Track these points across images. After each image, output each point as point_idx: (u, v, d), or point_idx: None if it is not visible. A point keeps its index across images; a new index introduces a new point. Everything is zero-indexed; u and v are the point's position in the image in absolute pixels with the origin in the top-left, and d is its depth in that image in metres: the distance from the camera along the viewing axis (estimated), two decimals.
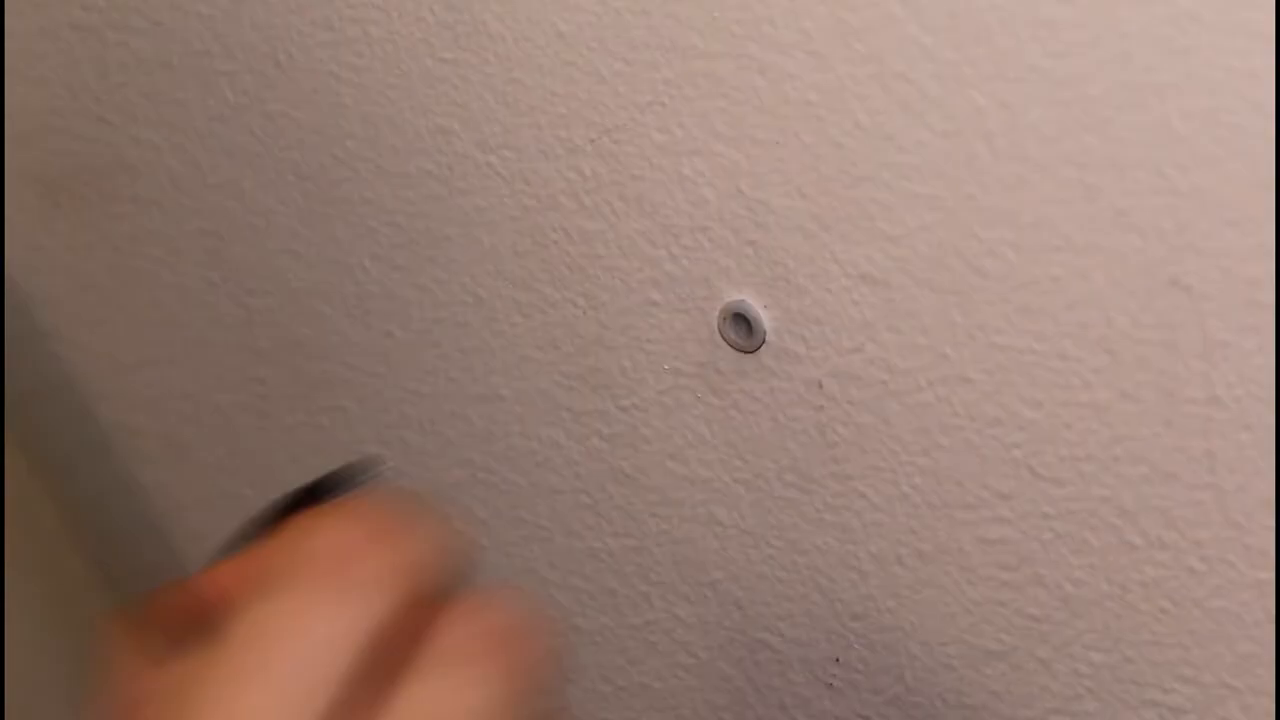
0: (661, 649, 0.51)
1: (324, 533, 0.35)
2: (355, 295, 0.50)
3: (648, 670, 0.52)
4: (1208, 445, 0.37)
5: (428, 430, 0.51)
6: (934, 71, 0.37)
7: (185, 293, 0.53)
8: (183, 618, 0.36)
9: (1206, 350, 0.36)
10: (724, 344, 0.43)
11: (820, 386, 0.42)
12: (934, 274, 0.39)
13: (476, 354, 0.49)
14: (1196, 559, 0.39)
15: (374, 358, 0.51)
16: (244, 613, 0.34)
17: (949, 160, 0.38)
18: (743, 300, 0.42)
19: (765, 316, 0.42)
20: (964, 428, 0.40)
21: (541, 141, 0.43)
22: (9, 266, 0.57)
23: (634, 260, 0.43)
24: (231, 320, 0.53)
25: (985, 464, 0.41)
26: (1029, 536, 0.41)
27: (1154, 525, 0.39)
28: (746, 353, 0.43)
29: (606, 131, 0.42)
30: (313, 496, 0.40)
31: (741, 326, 0.42)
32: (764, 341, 0.42)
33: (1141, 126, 0.35)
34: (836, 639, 0.46)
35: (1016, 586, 0.42)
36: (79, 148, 0.52)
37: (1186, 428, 0.38)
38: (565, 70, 0.42)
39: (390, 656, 0.34)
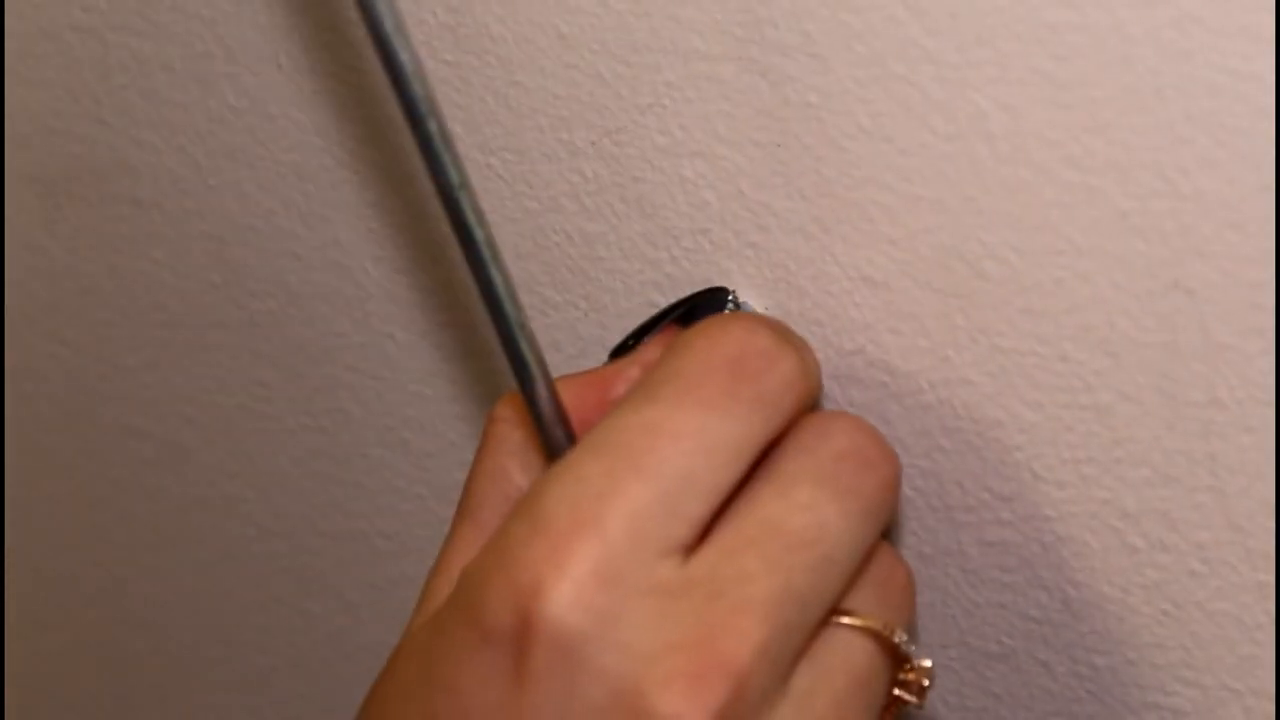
0: None
1: (732, 336, 0.34)
2: (357, 297, 0.50)
3: None
4: (1209, 448, 0.37)
5: (430, 432, 0.51)
6: (936, 74, 0.37)
7: (186, 295, 0.53)
8: (559, 421, 0.35)
9: (1209, 353, 0.37)
10: None
11: (822, 389, 0.42)
12: (935, 276, 0.39)
13: (479, 357, 0.49)
14: (1198, 562, 0.39)
15: (376, 360, 0.51)
16: (636, 411, 0.33)
17: (951, 163, 0.38)
18: (745, 302, 0.42)
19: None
20: (965, 430, 0.40)
21: (543, 144, 0.43)
22: (9, 267, 0.57)
23: (635, 263, 0.43)
24: (232, 322, 0.53)
25: (987, 466, 0.41)
26: (1030, 539, 0.41)
27: (1155, 528, 0.39)
28: None
29: (608, 134, 0.42)
30: (677, 319, 0.39)
31: None
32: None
33: (1144, 129, 0.35)
34: None
35: (1017, 589, 0.42)
36: (79, 149, 0.52)
37: (1188, 430, 0.38)
38: (567, 72, 0.42)
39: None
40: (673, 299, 0.43)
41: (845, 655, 0.34)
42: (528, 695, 0.31)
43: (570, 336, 0.46)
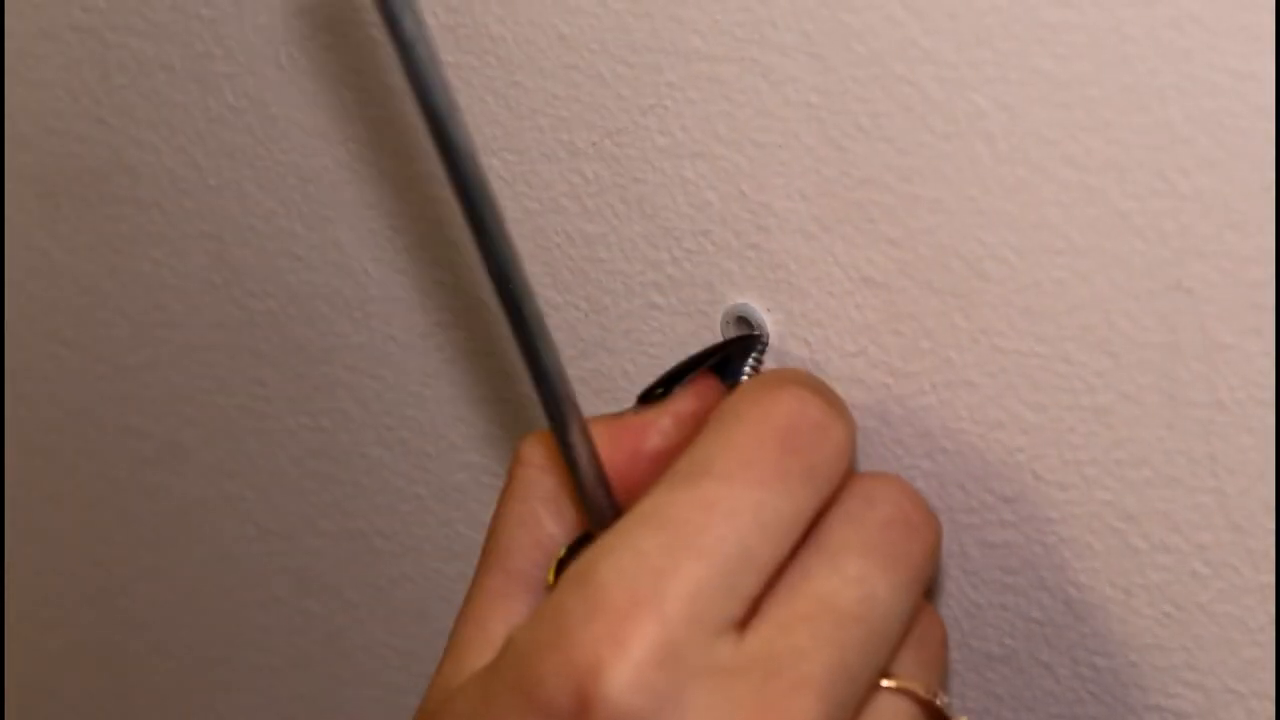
0: None
1: (783, 408, 0.34)
2: (357, 298, 0.50)
3: None
4: (1210, 449, 0.37)
5: (429, 433, 0.51)
6: (935, 74, 0.37)
7: (186, 295, 0.53)
8: (598, 468, 0.35)
9: (1209, 353, 0.36)
10: None
11: None
12: (936, 277, 0.39)
13: (479, 357, 0.49)
14: (1200, 563, 0.39)
15: (376, 360, 0.51)
16: (690, 485, 0.33)
17: (950, 163, 0.38)
18: (745, 304, 0.42)
19: (768, 320, 0.42)
20: (967, 431, 0.40)
21: (543, 144, 0.43)
22: (9, 267, 0.57)
23: (636, 264, 0.43)
24: (232, 322, 0.53)
25: (988, 467, 0.41)
26: (1032, 540, 0.41)
27: (1157, 529, 0.39)
28: None
29: (609, 134, 0.42)
30: (710, 367, 0.39)
31: (744, 330, 0.42)
32: (767, 345, 0.42)
33: (1143, 129, 0.35)
34: None
35: (1019, 590, 0.42)
36: (79, 149, 0.52)
37: (1189, 431, 0.38)
38: (567, 73, 0.42)
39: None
40: (673, 300, 0.43)
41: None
42: None
43: (571, 338, 0.46)
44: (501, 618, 0.36)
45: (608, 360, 0.46)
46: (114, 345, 0.56)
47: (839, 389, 0.42)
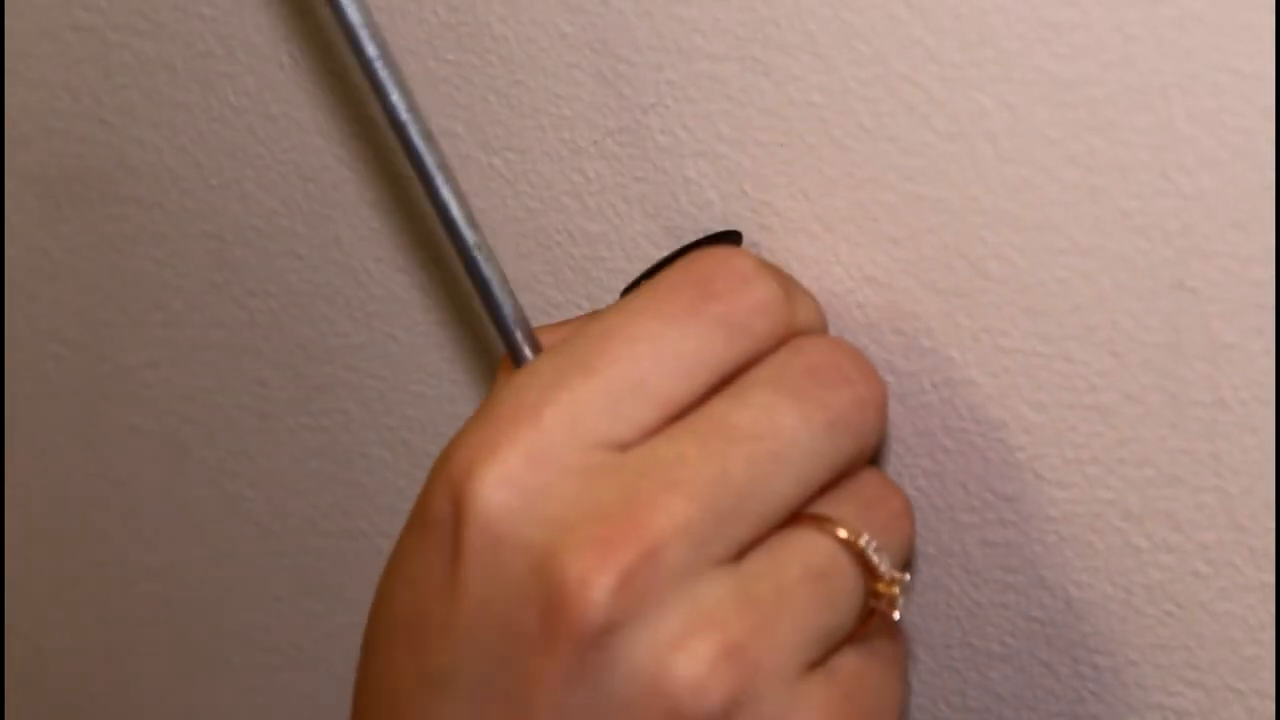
0: None
1: (710, 258, 0.34)
2: (358, 298, 0.50)
3: None
4: (1213, 448, 0.37)
5: (430, 433, 0.51)
6: (938, 73, 0.37)
7: (187, 294, 0.53)
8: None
9: (1212, 353, 0.37)
10: None
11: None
12: (938, 276, 0.39)
13: (480, 357, 0.49)
14: (1201, 562, 0.39)
15: (377, 360, 0.51)
16: (600, 319, 0.33)
17: (953, 162, 0.38)
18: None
19: None
20: (968, 430, 0.40)
21: (545, 143, 0.43)
22: (9, 267, 0.57)
23: (638, 263, 0.43)
24: (233, 322, 0.53)
25: (990, 466, 0.41)
26: (1033, 539, 0.41)
27: (1159, 528, 0.39)
28: None
29: (610, 133, 0.42)
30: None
31: None
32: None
33: (1146, 129, 0.35)
34: None
35: (1020, 589, 0.42)
36: (80, 149, 0.52)
37: (1192, 430, 0.38)
38: (569, 72, 0.42)
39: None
40: None
41: (803, 550, 0.33)
42: (460, 572, 0.32)
43: None
44: None
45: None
46: (114, 345, 0.56)
47: None
